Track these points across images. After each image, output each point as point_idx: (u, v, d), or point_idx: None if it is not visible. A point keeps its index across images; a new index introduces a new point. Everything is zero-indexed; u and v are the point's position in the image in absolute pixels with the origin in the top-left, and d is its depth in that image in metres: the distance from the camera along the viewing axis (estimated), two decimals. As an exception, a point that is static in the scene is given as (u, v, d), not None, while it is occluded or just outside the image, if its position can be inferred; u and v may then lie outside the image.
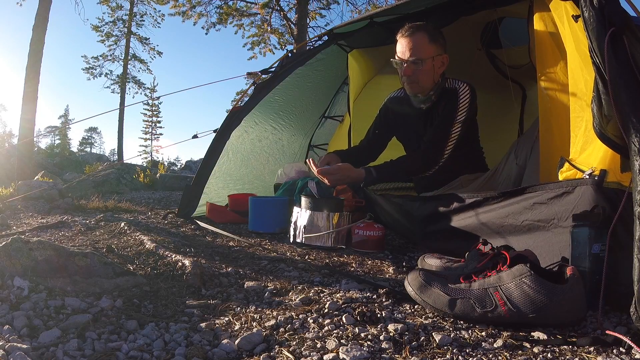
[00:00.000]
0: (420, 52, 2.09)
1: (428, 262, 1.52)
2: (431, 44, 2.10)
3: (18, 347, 0.85)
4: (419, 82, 2.15)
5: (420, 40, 2.09)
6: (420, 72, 2.11)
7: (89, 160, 17.47)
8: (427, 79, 2.14)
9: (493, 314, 1.03)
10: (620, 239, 1.12)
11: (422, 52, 2.09)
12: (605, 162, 1.22)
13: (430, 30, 2.11)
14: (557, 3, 1.55)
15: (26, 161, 9.16)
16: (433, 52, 2.10)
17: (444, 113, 2.15)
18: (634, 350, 0.89)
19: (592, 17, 1.20)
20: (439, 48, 2.13)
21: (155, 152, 28.20)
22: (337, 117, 3.73)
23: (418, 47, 2.09)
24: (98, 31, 21.07)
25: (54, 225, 2.45)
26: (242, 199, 2.79)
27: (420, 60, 2.09)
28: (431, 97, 2.20)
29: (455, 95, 2.14)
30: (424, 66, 2.10)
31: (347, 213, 2.03)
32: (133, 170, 7.16)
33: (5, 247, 1.22)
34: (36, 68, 9.53)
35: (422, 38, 2.10)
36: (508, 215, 1.48)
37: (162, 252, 1.69)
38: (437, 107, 2.21)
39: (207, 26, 13.34)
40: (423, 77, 2.13)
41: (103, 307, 1.11)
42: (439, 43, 2.13)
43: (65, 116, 51.74)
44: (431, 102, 2.21)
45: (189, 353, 0.89)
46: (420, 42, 2.09)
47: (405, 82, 2.19)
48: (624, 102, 1.09)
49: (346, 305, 1.16)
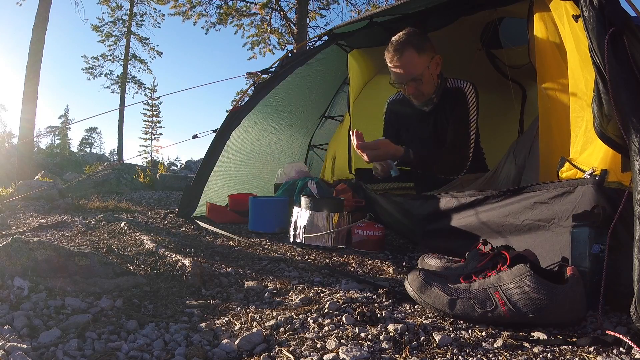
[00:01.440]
0: (415, 70, 2.11)
1: (428, 262, 1.52)
2: (421, 56, 2.11)
3: (18, 347, 0.85)
4: (423, 93, 2.19)
5: (411, 59, 2.11)
6: (423, 85, 2.16)
7: (89, 160, 17.48)
8: (429, 87, 2.18)
9: (493, 314, 1.03)
10: (620, 239, 1.12)
11: (417, 69, 2.11)
12: (606, 161, 1.21)
13: (414, 41, 2.11)
14: (557, 3, 1.55)
15: (26, 161, 9.16)
16: (425, 62, 2.12)
17: (458, 114, 2.16)
18: (634, 350, 0.89)
19: (592, 17, 1.20)
20: (429, 54, 2.14)
21: (155, 152, 28.22)
22: (337, 117, 3.73)
23: (411, 67, 2.11)
24: (98, 31, 21.10)
25: (54, 225, 2.45)
26: (242, 199, 2.79)
27: (418, 77, 2.12)
28: (433, 99, 2.22)
29: (462, 95, 2.16)
30: (424, 79, 2.14)
31: (347, 213, 2.04)
32: (133, 170, 7.16)
33: (5, 247, 1.22)
34: (36, 68, 9.53)
35: (411, 56, 2.10)
36: (508, 215, 1.48)
37: (162, 252, 1.69)
38: (442, 108, 2.21)
39: (207, 26, 13.34)
40: (425, 87, 2.18)
41: (103, 307, 1.11)
42: (427, 50, 2.14)
43: (65, 116, 51.77)
44: (433, 104, 2.23)
45: (189, 353, 0.89)
46: (411, 61, 2.11)
47: (412, 98, 2.23)
48: (624, 102, 1.09)
49: (346, 305, 1.16)
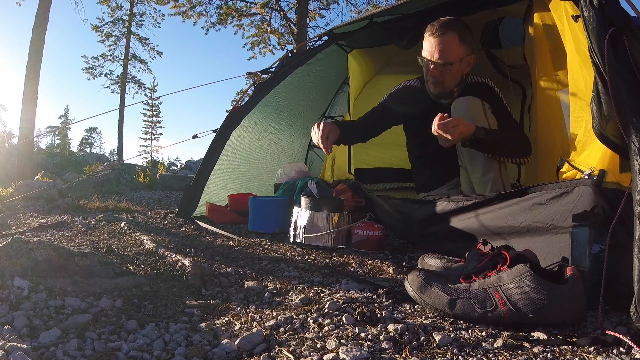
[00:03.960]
0: (450, 55, 1.98)
1: (428, 262, 1.52)
2: (461, 45, 2.00)
3: (18, 347, 0.85)
4: (444, 83, 2.07)
5: (451, 43, 1.98)
6: (448, 74, 2.03)
7: (89, 160, 17.47)
8: (453, 80, 2.07)
9: (493, 314, 1.03)
10: (620, 239, 1.12)
11: (452, 55, 1.99)
12: (605, 162, 1.22)
13: (460, 29, 2.00)
14: (556, 3, 1.55)
15: (26, 161, 9.15)
16: (462, 53, 2.01)
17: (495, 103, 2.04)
18: (634, 350, 0.89)
19: (592, 17, 1.20)
20: (468, 49, 2.03)
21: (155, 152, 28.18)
22: (337, 117, 3.72)
23: (448, 50, 1.98)
24: (98, 31, 21.07)
25: (54, 225, 2.45)
26: (242, 199, 2.79)
27: (449, 63, 2.00)
28: (453, 93, 2.11)
29: (489, 88, 2.09)
30: (452, 68, 2.02)
31: (347, 213, 2.04)
32: (133, 170, 7.16)
33: (5, 247, 1.22)
34: (36, 68, 9.52)
35: (452, 40, 1.98)
36: (507, 217, 1.48)
37: (162, 252, 1.69)
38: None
39: (207, 26, 13.33)
40: (449, 78, 2.06)
41: (103, 307, 1.11)
42: (468, 43, 2.03)
43: (65, 116, 51.75)
44: (453, 98, 2.09)
45: (189, 353, 0.89)
46: (451, 44, 1.98)
47: (430, 82, 2.10)
48: (624, 102, 1.10)
49: (346, 305, 1.16)
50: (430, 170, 2.32)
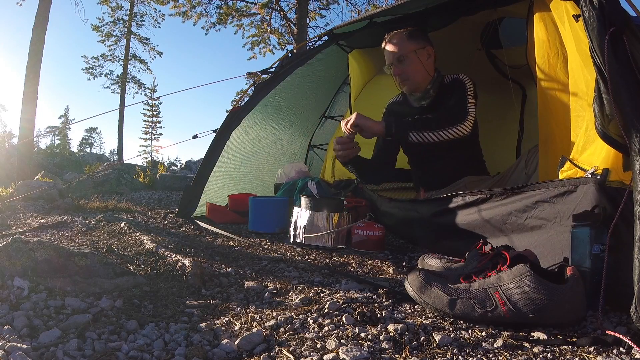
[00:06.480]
0: (401, 49, 2.18)
1: (428, 262, 1.52)
2: (410, 40, 2.19)
3: (18, 347, 0.85)
4: (410, 78, 2.22)
5: (399, 40, 2.19)
6: (408, 67, 2.19)
7: (89, 160, 17.49)
8: (416, 73, 2.21)
9: (493, 314, 1.03)
10: (620, 239, 1.12)
11: (402, 49, 2.18)
12: (608, 161, 1.21)
13: (407, 31, 2.20)
14: (557, 3, 1.55)
15: (26, 161, 9.16)
16: (414, 46, 2.18)
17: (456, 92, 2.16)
18: (634, 350, 0.89)
19: (593, 16, 1.20)
20: (420, 42, 2.20)
21: (155, 152, 28.22)
22: (337, 117, 3.72)
23: (398, 47, 2.19)
24: (98, 31, 21.08)
25: (54, 226, 2.45)
26: (242, 199, 2.79)
27: (402, 56, 2.18)
28: (429, 91, 2.22)
29: (460, 82, 2.19)
30: (409, 61, 2.18)
31: (347, 213, 2.03)
32: (133, 171, 7.17)
33: (5, 247, 1.22)
34: (36, 68, 9.53)
35: (400, 38, 2.20)
36: (511, 213, 1.48)
37: (162, 252, 1.69)
38: (440, 103, 2.20)
39: (207, 26, 13.35)
40: (412, 71, 2.20)
41: (103, 307, 1.11)
42: (418, 38, 2.20)
43: (65, 116, 51.79)
44: (430, 97, 2.22)
45: (189, 353, 0.89)
46: (399, 42, 2.20)
47: (399, 83, 2.27)
48: (625, 102, 1.09)
49: (346, 305, 1.16)
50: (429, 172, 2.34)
